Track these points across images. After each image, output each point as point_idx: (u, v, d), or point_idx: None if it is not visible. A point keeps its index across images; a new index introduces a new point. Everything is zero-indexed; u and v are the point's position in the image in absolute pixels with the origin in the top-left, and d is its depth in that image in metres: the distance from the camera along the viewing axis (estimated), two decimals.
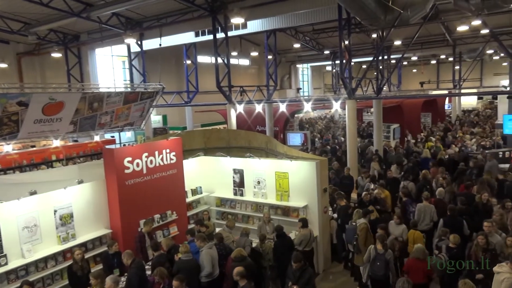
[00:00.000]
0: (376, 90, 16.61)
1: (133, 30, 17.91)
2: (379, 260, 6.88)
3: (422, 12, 13.34)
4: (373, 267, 6.97)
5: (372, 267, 6.98)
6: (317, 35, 26.17)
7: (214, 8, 15.46)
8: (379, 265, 6.87)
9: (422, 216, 8.85)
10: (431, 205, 8.98)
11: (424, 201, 9.07)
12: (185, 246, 6.96)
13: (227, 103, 17.47)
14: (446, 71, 38.28)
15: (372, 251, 7.02)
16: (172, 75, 25.71)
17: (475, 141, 18.40)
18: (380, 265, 6.85)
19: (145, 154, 8.45)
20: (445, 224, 8.03)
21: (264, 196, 9.74)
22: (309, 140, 19.51)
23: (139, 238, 7.77)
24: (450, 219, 8.10)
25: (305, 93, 40.32)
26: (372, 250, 7.02)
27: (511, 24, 23.28)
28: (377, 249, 6.95)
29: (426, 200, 9.08)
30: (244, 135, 11.54)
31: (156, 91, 15.31)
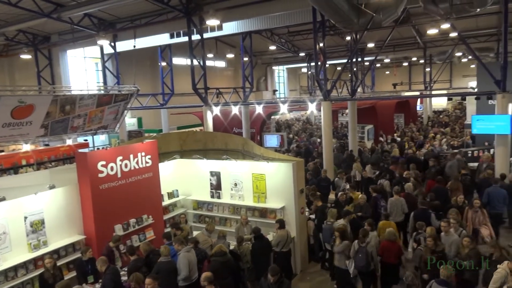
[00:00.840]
0: (350, 91, 16.88)
1: (106, 31, 17.56)
2: (361, 252, 7.24)
3: (393, 15, 13.66)
4: (355, 260, 7.32)
5: (355, 260, 7.33)
6: (292, 37, 26.39)
7: (189, 9, 15.35)
8: (360, 257, 7.22)
9: (394, 209, 9.38)
10: (402, 198, 9.51)
11: (395, 195, 9.60)
12: (165, 248, 6.88)
13: (203, 105, 17.37)
14: (417, 73, 39.34)
15: (355, 245, 7.36)
16: (147, 77, 25.36)
17: (445, 141, 19.00)
18: (362, 257, 7.19)
19: (119, 157, 8.29)
20: (415, 216, 8.55)
21: (241, 198, 9.72)
22: (285, 142, 19.63)
23: (107, 253, 7.46)
24: (420, 212, 8.64)
25: (281, 95, 40.55)
26: (356, 244, 7.36)
27: (478, 28, 24.14)
28: (359, 242, 7.31)
29: (397, 194, 9.59)
30: (221, 137, 11.49)
31: (130, 94, 15.08)
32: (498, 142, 12.24)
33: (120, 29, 18.02)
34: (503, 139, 12.01)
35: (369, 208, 9.59)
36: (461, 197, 9.33)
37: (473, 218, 8.65)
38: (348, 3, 12.12)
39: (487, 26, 23.90)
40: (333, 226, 8.34)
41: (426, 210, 8.69)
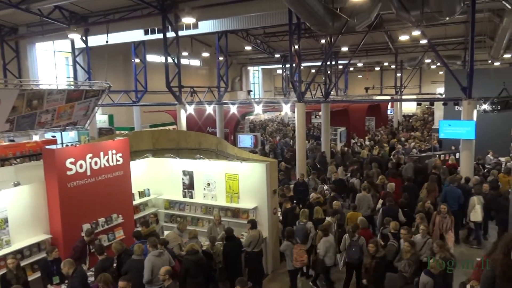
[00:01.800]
0: (324, 94, 17.12)
1: (78, 25, 17.07)
2: (354, 246, 7.65)
3: (367, 21, 13.99)
4: (349, 252, 7.70)
5: (348, 253, 7.71)
6: (268, 38, 26.52)
7: (164, 6, 15.14)
8: (354, 250, 7.63)
9: (361, 204, 10.02)
10: (368, 195, 10.25)
11: (363, 192, 10.30)
12: (139, 247, 6.75)
13: (177, 104, 17.18)
14: (389, 78, 40.35)
15: (346, 239, 7.79)
16: (119, 73, 24.83)
17: (414, 144, 19.57)
18: (355, 250, 7.61)
19: (89, 155, 8.09)
20: (383, 212, 9.16)
21: (214, 198, 9.68)
22: (259, 142, 19.69)
23: (79, 248, 7.33)
24: (388, 208, 9.23)
25: (255, 96, 40.65)
26: (347, 238, 7.79)
27: (446, 36, 25.04)
28: (350, 236, 7.74)
29: (364, 191, 10.28)
30: (194, 136, 11.39)
31: (102, 90, 14.66)
32: (463, 146, 12.72)
33: (92, 23, 17.57)
34: (468, 144, 12.49)
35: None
36: (428, 203, 9.54)
37: (440, 224, 8.72)
38: (324, 6, 12.31)
39: (455, 35, 24.86)
40: (305, 226, 8.50)
41: (393, 206, 9.24)
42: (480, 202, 9.88)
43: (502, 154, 15.13)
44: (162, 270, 5.95)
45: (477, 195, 9.99)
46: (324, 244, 7.89)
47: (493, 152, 15.42)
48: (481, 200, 9.94)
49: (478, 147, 13.71)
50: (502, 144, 16.47)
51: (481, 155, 14.84)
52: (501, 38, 20.21)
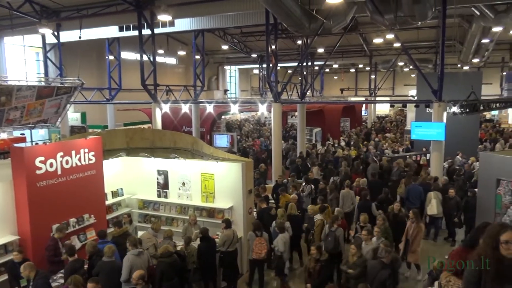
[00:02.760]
0: (300, 94, 17.25)
1: (49, 20, 16.59)
2: (330, 236, 8.09)
3: (343, 23, 14.21)
4: (325, 242, 8.09)
5: (325, 242, 8.10)
6: (245, 38, 26.51)
7: (140, 3, 14.93)
8: (329, 240, 8.05)
9: (344, 201, 10.56)
10: (351, 191, 10.85)
11: (346, 188, 10.84)
12: (109, 248, 6.62)
13: (152, 102, 16.94)
14: (363, 79, 41.10)
15: (326, 230, 8.23)
16: (93, 70, 24.25)
17: (387, 145, 20.02)
18: (331, 240, 8.04)
19: (60, 153, 7.86)
20: (359, 207, 9.87)
21: (189, 198, 9.60)
22: (235, 142, 19.66)
23: (52, 246, 7.16)
24: (362, 203, 9.94)
25: (232, 95, 40.57)
26: (326, 229, 8.24)
27: (419, 40, 25.72)
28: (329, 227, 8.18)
29: (347, 187, 10.90)
30: (170, 135, 11.25)
31: (74, 87, 14.33)
32: (433, 147, 13.10)
33: (65, 18, 17.11)
34: (438, 145, 12.88)
35: None
36: (397, 205, 9.53)
37: (408, 229, 8.63)
38: (301, 8, 12.40)
39: (427, 39, 25.56)
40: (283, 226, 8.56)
41: (368, 201, 9.86)
42: (436, 197, 10.38)
43: (470, 156, 15.66)
44: (135, 274, 5.87)
45: (434, 191, 10.56)
46: (282, 240, 8.06)
47: (462, 153, 15.97)
48: (438, 195, 10.44)
49: (449, 149, 14.18)
50: (471, 145, 17.06)
51: (451, 156, 15.32)
52: (470, 43, 20.97)
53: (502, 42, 25.45)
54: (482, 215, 9.66)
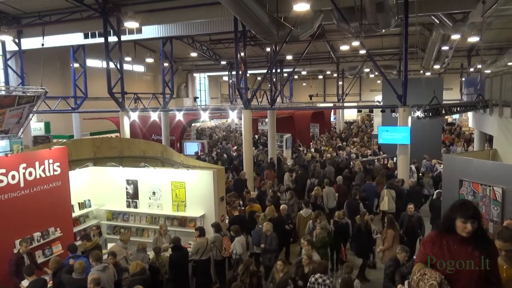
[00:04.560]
0: (270, 101, 17.39)
1: (9, 26, 16.00)
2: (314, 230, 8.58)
3: (310, 30, 14.47)
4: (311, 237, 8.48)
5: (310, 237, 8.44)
6: (214, 45, 26.48)
7: (105, 9, 14.63)
8: None
9: (327, 197, 11.26)
10: (332, 188, 11.57)
11: (327, 187, 11.46)
12: (80, 264, 6.33)
13: (120, 111, 16.59)
14: (331, 86, 41.91)
15: (310, 225, 8.85)
16: (57, 78, 23.50)
17: (356, 149, 20.46)
18: None
19: (22, 165, 7.53)
20: (347, 205, 10.43)
21: (160, 207, 9.43)
22: (205, 149, 19.54)
23: (15, 261, 6.81)
24: (351, 201, 10.50)
25: (202, 102, 40.35)
26: (310, 224, 8.86)
27: (383, 47, 26.55)
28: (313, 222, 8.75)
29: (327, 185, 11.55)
30: (139, 144, 11.06)
31: (37, 96, 13.81)
32: (399, 151, 13.50)
33: (26, 25, 16.54)
34: (404, 148, 13.28)
35: None
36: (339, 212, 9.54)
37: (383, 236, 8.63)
38: (269, 15, 12.53)
39: (391, 46, 26.41)
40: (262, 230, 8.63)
41: (356, 200, 10.44)
42: (389, 194, 11.04)
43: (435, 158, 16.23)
44: (89, 278, 5.70)
45: (387, 189, 11.24)
46: (239, 243, 8.13)
47: (428, 156, 16.54)
48: (390, 192, 11.10)
49: (414, 152, 14.69)
50: (434, 148, 17.70)
51: (417, 159, 15.82)
52: (431, 50, 21.86)
53: (460, 49, 26.65)
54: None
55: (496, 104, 11.42)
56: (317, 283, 6.20)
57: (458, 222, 2.78)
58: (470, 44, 23.93)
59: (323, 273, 6.30)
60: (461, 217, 2.75)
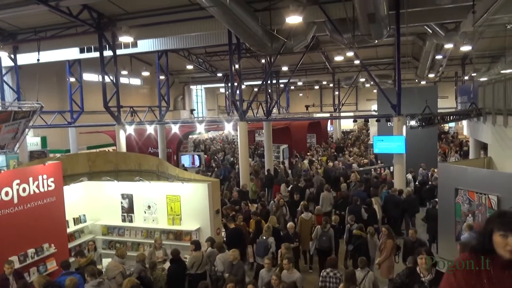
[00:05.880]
0: (265, 112, 17.45)
1: (5, 42, 16.10)
2: (324, 235, 9.07)
3: (303, 42, 14.61)
4: (320, 241, 9.11)
5: (319, 241, 9.12)
6: (210, 57, 26.65)
7: (100, 24, 14.75)
8: (324, 239, 9.06)
9: (324, 202, 11.97)
10: (330, 193, 12.35)
11: (325, 191, 12.27)
12: (71, 280, 6.24)
13: (116, 124, 16.61)
14: (328, 96, 42.08)
15: (318, 230, 9.15)
16: (53, 93, 23.54)
17: (353, 159, 20.48)
18: (326, 239, 9.06)
19: (16, 181, 7.50)
20: (349, 210, 10.66)
21: (155, 221, 9.39)
22: (202, 161, 19.51)
23: (0, 282, 6.69)
24: (353, 206, 10.80)
25: (199, 114, 40.44)
26: (319, 229, 9.16)
27: (378, 57, 26.77)
28: (323, 228, 9.10)
29: (327, 191, 12.35)
30: (134, 157, 11.06)
31: (33, 111, 13.84)
32: (395, 160, 13.52)
33: (22, 41, 16.63)
34: (400, 157, 13.31)
35: None
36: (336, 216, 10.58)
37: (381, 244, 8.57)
38: (262, 28, 12.65)
39: (386, 56, 26.63)
40: (267, 241, 8.70)
41: (358, 205, 10.75)
42: (377, 203, 11.52)
43: (431, 167, 16.24)
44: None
45: (375, 197, 11.92)
46: (219, 260, 7.96)
47: (425, 165, 16.56)
48: (377, 200, 11.70)
49: (411, 161, 14.71)
50: (431, 157, 17.72)
51: (413, 168, 15.82)
52: (425, 59, 22.05)
53: (454, 58, 26.88)
54: (443, 223, 10.02)
55: (489, 112, 11.49)
56: (329, 276, 6.88)
57: (496, 237, 2.02)
58: (464, 53, 24.15)
59: (333, 268, 6.95)
60: (499, 230, 2.01)
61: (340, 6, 11.99)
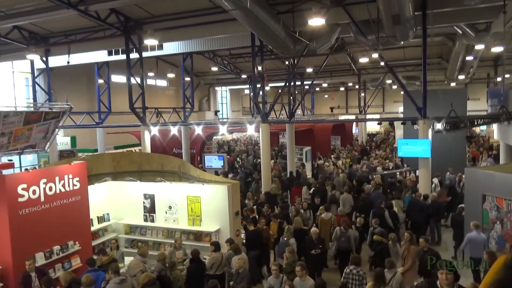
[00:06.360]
0: (288, 114, 17.38)
1: (38, 46, 16.71)
2: (343, 236, 9.30)
3: (327, 44, 14.46)
4: (339, 242, 9.34)
5: (338, 242, 9.35)
6: (234, 59, 26.80)
7: (127, 28, 15.10)
8: (343, 240, 9.29)
9: (345, 202, 12.32)
10: (349, 195, 12.58)
11: (345, 193, 12.59)
12: (87, 277, 6.46)
13: (141, 125, 16.96)
14: (353, 97, 41.54)
15: (337, 231, 9.40)
16: (82, 94, 24.29)
17: (377, 162, 20.10)
18: (345, 240, 9.28)
19: (43, 180, 7.79)
20: (373, 213, 10.69)
21: (176, 221, 9.53)
22: (226, 162, 19.62)
23: (22, 280, 6.92)
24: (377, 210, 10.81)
25: (224, 116, 40.73)
26: (338, 230, 9.41)
27: (405, 58, 26.18)
28: (341, 229, 9.35)
29: (346, 192, 12.66)
30: (157, 158, 11.24)
31: (62, 111, 14.31)
32: (420, 164, 13.18)
33: (53, 44, 17.22)
34: (425, 161, 12.96)
35: None
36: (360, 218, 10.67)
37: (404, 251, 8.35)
38: (285, 30, 12.62)
39: (413, 57, 26.00)
40: (288, 242, 8.81)
41: (382, 208, 10.80)
42: (397, 205, 11.57)
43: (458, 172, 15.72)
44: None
45: (396, 199, 11.92)
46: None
47: (452, 169, 16.05)
48: (398, 203, 11.76)
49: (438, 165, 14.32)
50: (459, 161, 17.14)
51: (439, 172, 15.36)
52: (455, 60, 21.40)
53: (486, 59, 25.97)
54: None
55: None
56: (352, 273, 7.03)
57: None
58: (496, 54, 23.28)
59: (356, 265, 7.10)
60: None
61: (364, 7, 11.80)
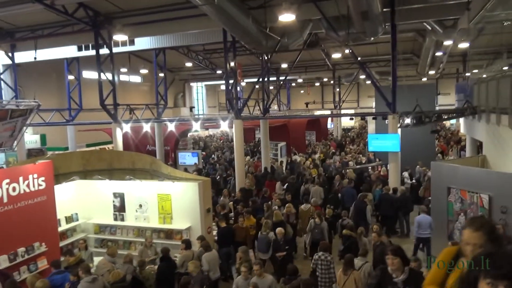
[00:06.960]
0: (262, 110, 17.41)
1: (3, 41, 16.13)
2: (317, 228, 9.56)
3: (299, 40, 14.54)
4: (313, 234, 9.58)
5: (312, 234, 9.60)
6: (209, 54, 26.60)
7: (96, 22, 14.74)
8: (317, 232, 9.55)
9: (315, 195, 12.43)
10: (320, 188, 12.84)
11: (316, 185, 12.93)
12: (43, 282, 6.28)
13: (112, 122, 16.65)
14: (329, 93, 41.95)
15: (312, 223, 9.64)
16: (52, 91, 23.56)
17: (350, 156, 20.44)
18: (318, 232, 9.53)
19: (6, 181, 7.54)
20: (355, 206, 11.07)
21: (147, 220, 9.43)
22: (200, 159, 19.54)
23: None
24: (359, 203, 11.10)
25: (200, 111, 40.44)
26: (312, 222, 9.66)
27: (378, 53, 26.58)
28: (315, 221, 9.58)
29: (317, 184, 13.05)
30: (128, 156, 11.05)
31: (30, 109, 13.88)
32: (390, 158, 13.47)
33: (19, 39, 16.62)
34: (394, 156, 13.26)
35: None
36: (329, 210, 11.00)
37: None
38: (256, 26, 12.60)
39: (386, 53, 26.37)
40: (268, 236, 8.87)
41: (364, 202, 11.06)
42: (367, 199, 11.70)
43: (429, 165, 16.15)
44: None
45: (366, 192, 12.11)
46: (205, 259, 7.91)
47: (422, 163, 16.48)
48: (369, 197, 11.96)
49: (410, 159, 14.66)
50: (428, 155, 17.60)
51: (409, 166, 15.74)
52: (425, 56, 21.89)
53: (455, 54, 26.66)
54: (436, 222, 9.98)
55: (484, 110, 11.42)
56: (320, 259, 7.37)
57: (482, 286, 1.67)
58: (464, 50, 23.95)
59: (324, 251, 7.46)
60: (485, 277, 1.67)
61: (334, 3, 11.91)
